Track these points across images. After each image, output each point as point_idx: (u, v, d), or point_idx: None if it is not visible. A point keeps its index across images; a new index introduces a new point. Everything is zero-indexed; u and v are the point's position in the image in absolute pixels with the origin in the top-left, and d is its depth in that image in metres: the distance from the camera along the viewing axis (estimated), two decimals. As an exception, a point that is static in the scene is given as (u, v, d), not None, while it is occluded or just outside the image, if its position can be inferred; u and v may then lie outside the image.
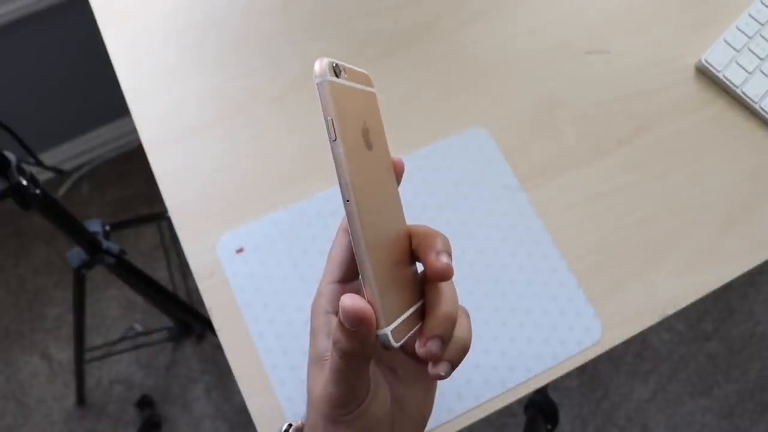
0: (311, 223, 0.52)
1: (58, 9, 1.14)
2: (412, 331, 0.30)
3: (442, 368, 0.29)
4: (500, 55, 0.60)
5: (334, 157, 0.27)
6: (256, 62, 0.59)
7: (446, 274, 0.29)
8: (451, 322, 0.30)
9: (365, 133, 0.29)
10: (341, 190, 0.27)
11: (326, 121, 0.27)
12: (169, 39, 0.59)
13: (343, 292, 0.33)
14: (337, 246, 0.34)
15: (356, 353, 0.28)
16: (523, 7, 0.62)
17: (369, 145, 0.29)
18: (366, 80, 0.31)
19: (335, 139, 0.26)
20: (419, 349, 0.29)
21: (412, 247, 0.31)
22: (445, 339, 0.29)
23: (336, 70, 0.27)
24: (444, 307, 0.30)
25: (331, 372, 0.29)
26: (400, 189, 0.33)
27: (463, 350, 0.30)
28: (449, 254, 0.30)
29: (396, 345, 0.28)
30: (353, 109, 0.28)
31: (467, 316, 0.32)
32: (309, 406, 0.32)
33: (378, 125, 0.31)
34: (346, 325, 0.27)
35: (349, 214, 0.27)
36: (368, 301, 0.27)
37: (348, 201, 0.27)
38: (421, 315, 0.31)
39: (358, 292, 0.33)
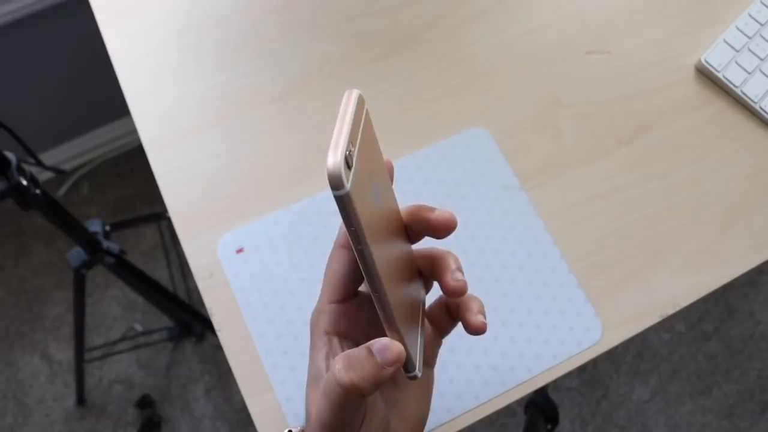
0: (311, 223, 0.52)
1: (58, 9, 1.14)
2: (421, 342, 0.31)
3: (481, 317, 0.31)
4: (500, 55, 0.60)
5: (359, 260, 0.25)
6: (256, 62, 0.59)
7: (462, 290, 0.31)
8: (459, 263, 0.32)
9: (372, 181, 0.27)
10: (369, 284, 0.26)
11: (349, 231, 0.24)
12: (169, 39, 0.59)
13: (344, 311, 0.33)
14: (335, 262, 0.32)
15: (366, 389, 0.27)
16: (523, 6, 0.62)
17: (377, 193, 0.27)
18: (360, 110, 0.27)
19: (361, 247, 0.25)
20: (449, 283, 0.30)
21: (426, 271, 0.33)
22: (462, 272, 0.31)
23: (349, 160, 0.23)
24: (447, 252, 0.32)
25: (327, 402, 0.29)
26: (401, 189, 0.33)
27: (482, 303, 0.32)
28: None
29: (420, 375, 0.29)
30: (365, 185, 0.25)
31: None
32: (307, 422, 0.32)
33: (375, 152, 0.29)
34: (378, 358, 0.27)
35: (378, 304, 0.27)
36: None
37: (377, 293, 0.27)
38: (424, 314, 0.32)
39: (358, 309, 0.33)
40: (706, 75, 0.60)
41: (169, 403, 1.38)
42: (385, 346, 0.27)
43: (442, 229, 0.31)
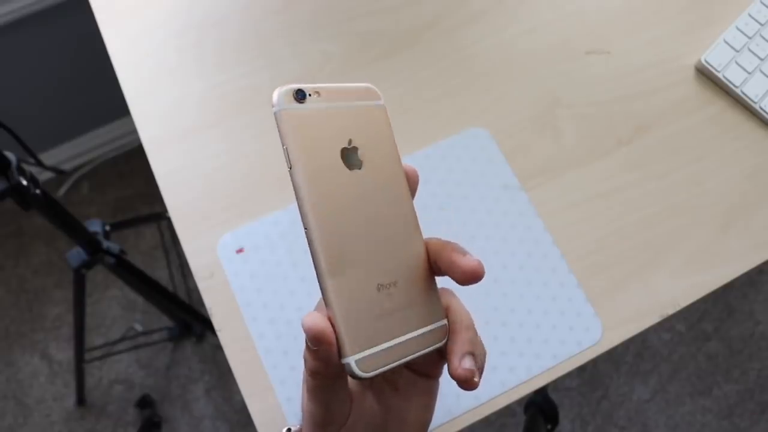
0: (311, 223, 0.52)
1: (58, 9, 1.14)
2: (398, 362, 0.28)
3: (476, 375, 0.29)
4: (500, 55, 0.60)
5: (293, 185, 0.27)
6: (256, 62, 0.59)
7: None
8: (475, 333, 0.30)
9: (349, 152, 0.29)
10: (301, 218, 0.27)
11: (282, 149, 0.27)
12: (169, 39, 0.59)
13: None
14: None
15: (320, 372, 0.27)
16: (523, 6, 0.62)
17: (354, 165, 0.29)
18: (364, 95, 0.30)
19: (290, 168, 0.27)
20: (457, 370, 0.28)
21: (431, 261, 0.30)
22: (475, 352, 0.29)
23: (297, 96, 0.28)
24: (465, 321, 0.30)
25: (308, 392, 0.30)
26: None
27: (485, 356, 0.31)
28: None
29: (363, 375, 0.26)
30: (325, 131, 0.28)
31: None
32: (302, 417, 0.32)
33: (379, 140, 0.30)
34: (308, 342, 0.27)
35: (308, 242, 0.27)
36: (332, 326, 0.26)
37: (306, 229, 0.27)
38: (440, 335, 0.30)
39: None
40: (706, 75, 0.60)
41: (169, 403, 1.38)
42: (303, 321, 0.26)
43: (465, 278, 0.29)
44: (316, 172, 0.27)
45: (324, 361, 0.27)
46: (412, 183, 0.31)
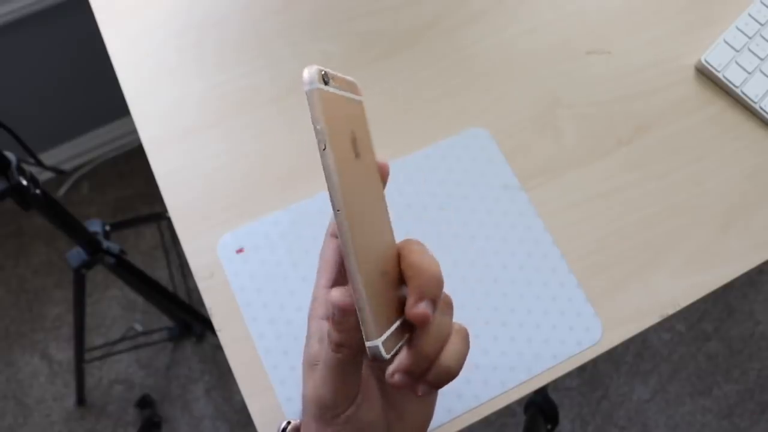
0: (311, 223, 0.52)
1: (58, 9, 1.14)
2: (403, 341, 0.29)
3: (419, 388, 0.29)
4: (500, 55, 0.60)
5: (324, 167, 0.26)
6: (256, 62, 0.59)
7: (421, 323, 0.28)
8: (427, 361, 0.29)
9: (353, 141, 0.29)
10: (331, 200, 0.27)
11: (315, 129, 0.26)
12: (169, 39, 0.59)
13: None
14: (328, 249, 0.34)
15: (345, 344, 0.28)
16: (523, 6, 0.62)
17: (357, 154, 0.29)
18: (353, 89, 0.30)
19: (325, 149, 0.26)
20: (386, 376, 0.29)
21: (404, 274, 0.30)
22: (417, 375, 0.29)
23: (325, 78, 0.27)
24: (422, 347, 0.29)
25: (321, 369, 0.30)
26: (401, 190, 0.33)
27: (447, 376, 0.29)
28: (433, 301, 0.28)
29: (387, 357, 0.27)
30: (342, 117, 0.28)
31: (463, 338, 0.31)
32: (303, 408, 0.33)
33: (365, 134, 0.31)
34: (336, 316, 0.28)
35: (339, 224, 0.27)
36: (358, 310, 0.27)
37: (338, 210, 0.27)
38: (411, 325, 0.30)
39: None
40: (706, 75, 0.60)
41: (169, 403, 1.38)
42: (332, 295, 0.27)
43: (411, 320, 0.28)
44: (342, 156, 0.27)
45: (350, 332, 0.28)
46: (384, 174, 0.32)
